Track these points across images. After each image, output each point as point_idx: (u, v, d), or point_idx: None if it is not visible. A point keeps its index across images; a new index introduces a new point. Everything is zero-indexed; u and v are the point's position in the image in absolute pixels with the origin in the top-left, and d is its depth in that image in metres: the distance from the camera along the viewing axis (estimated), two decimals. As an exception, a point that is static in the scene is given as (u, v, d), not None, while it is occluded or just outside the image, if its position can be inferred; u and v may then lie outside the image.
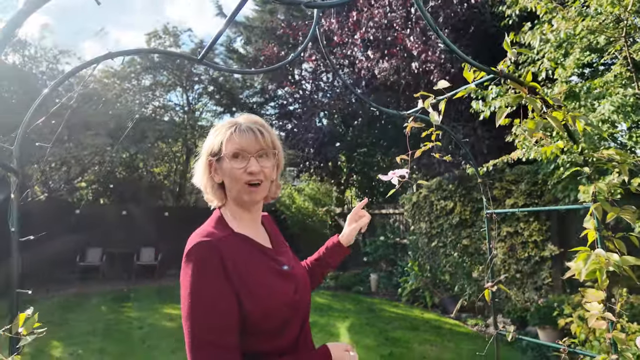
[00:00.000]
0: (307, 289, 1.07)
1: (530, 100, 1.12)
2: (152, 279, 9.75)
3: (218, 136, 1.00)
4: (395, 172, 1.45)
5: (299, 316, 0.99)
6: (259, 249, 1.00)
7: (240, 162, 0.97)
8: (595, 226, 1.25)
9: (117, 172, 11.38)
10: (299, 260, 1.17)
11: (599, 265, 1.15)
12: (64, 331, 5.06)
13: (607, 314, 1.18)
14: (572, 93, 3.58)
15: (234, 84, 11.32)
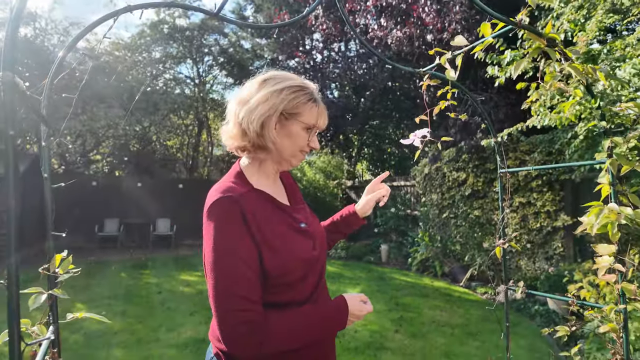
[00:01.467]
0: (324, 246, 1.09)
1: (550, 51, 1.10)
2: (168, 248, 10.05)
3: (296, 98, 0.98)
4: (416, 134, 1.44)
5: (316, 272, 1.02)
6: (278, 205, 1.02)
7: (308, 133, 1.02)
8: (610, 181, 1.25)
9: (131, 145, 11.53)
10: (316, 217, 1.17)
11: (610, 218, 1.16)
12: (87, 295, 5.31)
13: (617, 265, 1.20)
14: (591, 57, 3.46)
15: (243, 54, 11.18)
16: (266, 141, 0.97)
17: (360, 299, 1.01)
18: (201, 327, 4.05)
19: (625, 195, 1.23)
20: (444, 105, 1.61)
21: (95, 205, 9.95)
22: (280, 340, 0.88)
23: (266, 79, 0.99)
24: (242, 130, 0.98)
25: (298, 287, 0.97)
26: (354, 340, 3.80)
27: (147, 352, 3.43)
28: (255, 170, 1.04)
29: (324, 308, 0.98)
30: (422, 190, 8.14)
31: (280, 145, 0.99)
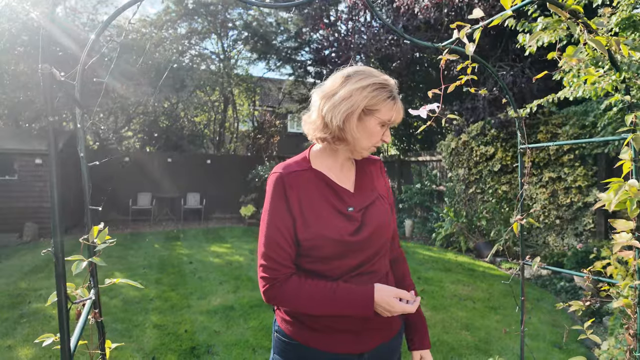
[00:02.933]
0: (377, 236, 1.07)
1: (570, 24, 1.07)
2: (198, 221, 10.46)
3: (377, 95, 1.02)
4: (426, 107, 1.45)
5: (357, 256, 1.04)
6: (331, 186, 1.08)
7: (382, 128, 1.07)
8: (632, 156, 1.22)
9: (160, 122, 11.84)
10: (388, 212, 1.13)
11: (629, 195, 1.14)
12: (124, 265, 5.66)
13: (634, 242, 1.20)
14: (632, 23, 3.25)
15: (267, 28, 11.08)
16: (346, 135, 1.04)
17: (394, 295, 0.99)
18: (229, 296, 4.28)
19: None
20: (463, 81, 1.59)
21: (129, 180, 10.42)
22: (290, 301, 1.01)
23: (350, 75, 1.04)
24: (324, 123, 1.05)
25: (333, 263, 1.03)
26: (375, 311, 3.91)
27: (180, 318, 3.67)
28: (323, 155, 1.12)
29: (347, 289, 1.00)
30: (449, 165, 8.02)
31: (358, 139, 1.05)
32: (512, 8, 1.17)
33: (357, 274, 1.04)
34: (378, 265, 1.08)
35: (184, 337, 3.25)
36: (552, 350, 3.18)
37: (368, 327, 1.05)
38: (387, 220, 1.10)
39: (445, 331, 3.49)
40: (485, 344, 3.24)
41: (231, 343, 3.16)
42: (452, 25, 1.41)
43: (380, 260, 1.09)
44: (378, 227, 1.07)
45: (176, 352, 3.00)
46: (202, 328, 3.45)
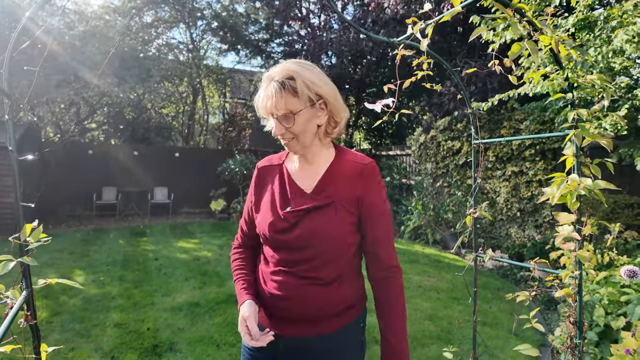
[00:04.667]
0: (308, 241, 1.05)
1: (513, 23, 1.09)
2: (166, 216, 10.20)
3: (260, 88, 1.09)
4: (381, 101, 1.46)
5: (288, 253, 1.07)
6: (286, 184, 1.13)
7: (271, 122, 1.09)
8: (574, 152, 1.27)
9: (126, 113, 11.42)
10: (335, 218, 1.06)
11: (569, 189, 1.19)
12: (86, 262, 5.45)
13: (574, 234, 1.25)
14: (588, 24, 3.39)
15: (237, 19, 10.84)
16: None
17: (243, 323, 1.04)
18: (195, 292, 4.20)
19: (588, 167, 1.26)
20: (419, 76, 1.61)
21: (93, 174, 10.00)
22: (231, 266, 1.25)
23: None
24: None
25: (271, 252, 1.12)
26: (342, 304, 3.95)
27: (143, 315, 3.58)
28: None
29: (237, 287, 1.16)
30: (417, 160, 8.17)
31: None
32: (462, 5, 1.19)
33: (293, 273, 1.07)
34: (319, 275, 1.05)
35: (146, 335, 3.17)
36: (510, 338, 3.32)
37: (276, 314, 1.11)
38: (329, 229, 1.04)
39: (409, 322, 3.55)
40: (447, 334, 3.33)
41: (195, 340, 3.11)
42: (408, 20, 1.42)
43: (325, 268, 1.06)
44: (312, 233, 1.04)
45: (137, 350, 2.92)
46: (165, 325, 3.37)
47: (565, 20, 3.48)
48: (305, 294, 1.05)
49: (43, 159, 9.16)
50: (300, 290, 1.05)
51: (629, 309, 2.65)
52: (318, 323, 1.07)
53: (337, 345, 1.10)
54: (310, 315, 1.06)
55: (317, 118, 1.06)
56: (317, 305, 1.06)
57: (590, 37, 3.36)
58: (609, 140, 1.19)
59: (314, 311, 1.06)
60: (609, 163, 1.23)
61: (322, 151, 1.13)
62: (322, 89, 1.05)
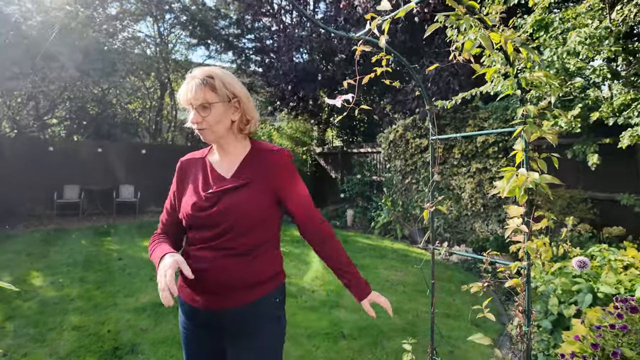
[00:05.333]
0: (225, 216, 1.20)
1: (465, 19, 1.12)
2: (132, 215, 9.88)
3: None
4: (341, 97, 1.47)
5: (208, 229, 1.22)
6: (207, 172, 1.30)
7: (191, 114, 1.23)
8: (523, 147, 1.32)
9: (90, 108, 10.96)
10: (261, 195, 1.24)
11: (517, 183, 1.23)
12: (44, 263, 5.20)
13: (522, 227, 1.30)
14: (545, 25, 3.53)
15: (207, 13, 10.60)
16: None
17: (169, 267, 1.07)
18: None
19: (535, 161, 1.31)
20: (379, 72, 1.63)
21: (54, 171, 9.54)
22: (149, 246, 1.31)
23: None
24: None
25: (193, 233, 1.26)
26: (310, 300, 3.96)
27: (104, 317, 3.45)
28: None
29: (159, 251, 1.20)
30: (387, 157, 8.28)
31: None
32: (415, 1, 1.20)
33: (212, 247, 1.20)
34: (235, 244, 1.19)
35: (107, 338, 3.06)
36: (471, 329, 3.42)
37: (198, 287, 1.21)
38: (243, 204, 1.20)
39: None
40: (412, 326, 3.40)
41: (158, 340, 3.03)
42: (367, 16, 1.42)
43: (238, 239, 1.20)
44: (227, 208, 1.20)
45: (96, 353, 2.81)
46: (127, 327, 3.27)
47: (524, 20, 3.61)
48: (222, 264, 1.18)
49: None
50: (217, 262, 1.19)
51: (579, 298, 2.80)
52: (236, 294, 1.19)
53: (255, 317, 1.21)
54: (228, 286, 1.18)
55: (231, 114, 1.25)
56: (233, 275, 1.18)
57: (547, 37, 3.50)
58: (554, 136, 1.23)
59: (231, 281, 1.18)
60: (554, 158, 1.29)
61: (238, 144, 1.31)
62: (237, 90, 1.25)
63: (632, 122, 3.01)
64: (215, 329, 1.24)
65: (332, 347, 3.03)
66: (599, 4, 3.36)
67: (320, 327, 3.37)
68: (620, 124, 3.12)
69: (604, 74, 3.25)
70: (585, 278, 3.00)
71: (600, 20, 3.36)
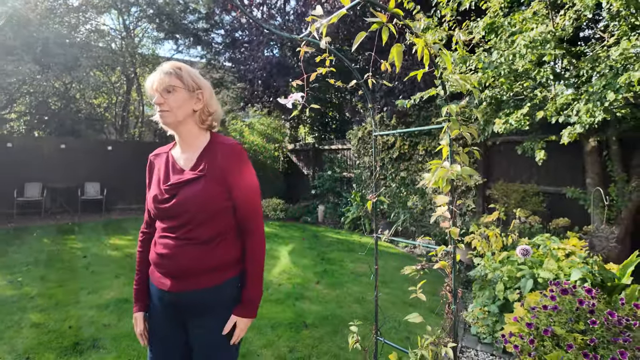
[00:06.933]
0: (184, 207, 1.29)
1: (390, 26, 1.23)
2: (99, 213, 9.64)
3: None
4: (292, 96, 1.56)
5: (169, 220, 1.32)
6: (171, 165, 1.38)
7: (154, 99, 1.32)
8: (447, 142, 1.46)
9: (52, 103, 10.57)
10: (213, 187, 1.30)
11: (440, 175, 1.37)
12: (2, 262, 5.04)
13: (446, 213, 1.44)
14: (494, 28, 3.74)
15: (174, 7, 10.41)
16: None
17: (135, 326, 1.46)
18: (125, 288, 4.08)
19: (459, 154, 1.45)
20: (324, 71, 1.73)
21: (13, 169, 9.17)
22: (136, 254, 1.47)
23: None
24: None
25: (157, 224, 1.38)
26: (276, 293, 4.05)
27: (65, 314, 3.42)
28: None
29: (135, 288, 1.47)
30: (357, 153, 8.45)
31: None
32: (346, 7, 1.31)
33: (174, 237, 1.30)
34: (197, 234, 1.28)
35: (68, 334, 3.05)
36: (429, 315, 3.61)
37: (162, 271, 1.32)
38: (198, 196, 1.27)
39: (339, 306, 3.75)
40: (372, 314, 3.55)
41: (121, 335, 3.04)
42: (307, 18, 1.52)
43: (198, 229, 1.28)
44: (185, 200, 1.28)
45: (56, 349, 2.80)
46: (89, 323, 3.26)
47: (476, 23, 3.81)
48: (182, 252, 1.28)
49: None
50: (178, 249, 1.28)
51: (521, 283, 3.02)
52: (196, 278, 1.28)
53: (214, 301, 1.30)
54: (189, 271, 1.27)
55: (193, 103, 1.33)
56: (193, 261, 1.27)
57: (496, 40, 3.72)
58: (474, 132, 1.38)
59: (192, 267, 1.27)
60: (475, 151, 1.43)
61: (200, 135, 1.38)
62: (202, 83, 1.36)
63: (571, 121, 3.25)
64: (179, 310, 1.33)
65: (295, 336, 3.14)
66: (543, 9, 3.60)
67: (284, 318, 3.46)
68: (561, 122, 3.37)
69: (547, 75, 3.49)
70: (529, 265, 3.24)
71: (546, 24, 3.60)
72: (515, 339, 2.41)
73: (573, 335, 2.16)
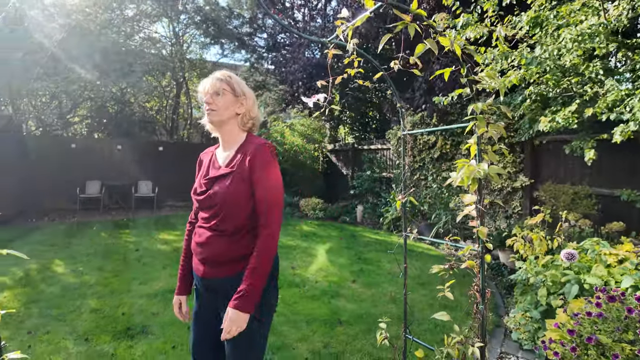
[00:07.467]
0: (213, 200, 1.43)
1: (410, 27, 1.26)
2: (150, 210, 10.27)
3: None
4: (315, 96, 1.62)
5: (204, 211, 1.48)
6: (212, 162, 1.54)
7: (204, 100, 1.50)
8: (475, 141, 1.45)
9: (109, 107, 11.40)
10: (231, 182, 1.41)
11: (467, 173, 1.37)
12: (67, 253, 5.54)
13: (473, 212, 1.43)
14: (539, 22, 3.58)
15: (220, 12, 10.86)
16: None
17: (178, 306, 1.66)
18: (172, 280, 4.34)
19: (487, 153, 1.44)
20: (353, 72, 1.77)
21: (76, 168, 10.03)
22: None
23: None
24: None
25: (198, 213, 1.54)
26: (312, 289, 4.14)
27: (119, 301, 3.71)
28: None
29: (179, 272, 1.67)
30: (396, 153, 8.36)
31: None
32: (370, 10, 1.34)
33: (207, 227, 1.44)
34: (226, 226, 1.40)
35: (121, 320, 3.31)
36: (467, 319, 3.53)
37: (197, 258, 1.49)
38: (225, 192, 1.40)
39: (374, 305, 3.77)
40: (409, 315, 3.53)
41: (168, 323, 3.26)
42: (337, 22, 1.57)
43: (225, 222, 1.40)
44: (214, 193, 1.43)
45: (110, 333, 3.06)
46: (140, 310, 3.52)
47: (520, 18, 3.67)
48: (212, 241, 1.42)
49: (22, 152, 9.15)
50: (209, 239, 1.43)
51: (565, 289, 2.88)
52: (223, 267, 1.42)
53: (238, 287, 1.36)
54: (217, 259, 1.42)
55: (237, 107, 1.51)
56: (220, 251, 1.41)
57: (541, 34, 3.56)
58: (502, 130, 1.36)
59: (218, 255, 1.41)
60: (504, 149, 1.41)
61: (238, 135, 1.53)
62: (247, 91, 1.54)
63: (624, 118, 3.05)
64: (211, 292, 1.48)
65: (329, 332, 3.20)
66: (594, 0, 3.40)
67: (319, 314, 3.54)
68: (612, 119, 3.17)
69: (596, 70, 3.29)
70: (575, 270, 3.07)
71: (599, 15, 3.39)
72: (556, 345, 2.32)
73: (621, 345, 2.05)
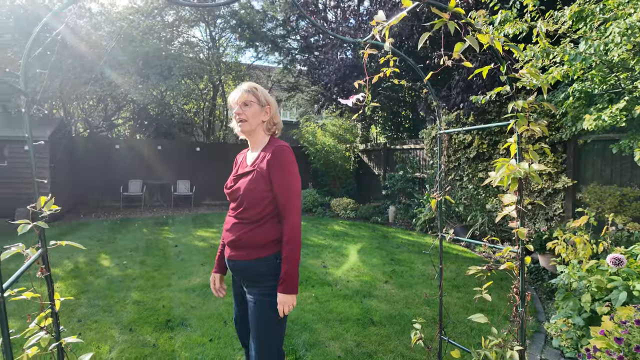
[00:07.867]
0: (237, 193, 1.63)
1: (450, 24, 1.25)
2: (188, 208, 10.66)
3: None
4: (353, 96, 1.64)
5: (233, 202, 1.68)
6: (242, 161, 1.76)
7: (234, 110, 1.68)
8: (515, 139, 1.41)
9: (150, 109, 11.92)
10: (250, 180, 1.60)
11: (506, 173, 1.34)
12: (111, 247, 5.86)
13: (513, 212, 1.40)
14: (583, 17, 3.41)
15: (254, 16, 11.09)
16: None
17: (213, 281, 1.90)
18: (209, 275, 4.49)
19: (527, 152, 1.40)
20: (389, 72, 1.78)
21: (120, 167, 10.59)
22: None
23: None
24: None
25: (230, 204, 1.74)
26: (345, 289, 4.15)
27: (160, 295, 3.89)
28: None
29: (218, 254, 1.90)
30: (430, 153, 8.21)
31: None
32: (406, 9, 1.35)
33: (234, 216, 1.65)
34: (246, 215, 1.59)
35: (161, 312, 3.47)
36: (505, 323, 3.42)
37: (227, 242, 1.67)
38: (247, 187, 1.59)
39: (407, 306, 3.73)
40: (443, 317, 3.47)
41: (205, 316, 3.38)
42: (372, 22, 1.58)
43: (248, 212, 1.59)
44: (238, 188, 1.64)
45: (152, 324, 3.21)
46: (179, 304, 3.67)
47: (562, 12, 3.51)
48: (236, 228, 1.63)
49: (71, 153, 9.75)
50: (234, 226, 1.64)
51: (612, 295, 2.73)
52: (244, 250, 1.60)
53: (259, 269, 1.59)
54: (241, 243, 1.60)
55: (262, 115, 1.68)
56: (242, 236, 1.59)
57: (586, 29, 3.39)
58: (544, 128, 1.32)
59: (242, 242, 1.59)
60: (546, 148, 1.37)
61: (264, 139, 1.70)
62: (270, 100, 1.72)
63: (680, 115, 2.85)
64: (236, 272, 1.69)
65: (361, 331, 3.20)
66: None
67: (351, 313, 3.55)
68: (667, 116, 2.97)
69: (648, 65, 3.09)
70: (623, 276, 2.90)
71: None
72: (602, 354, 2.21)
73: (672, 356, 1.93)
